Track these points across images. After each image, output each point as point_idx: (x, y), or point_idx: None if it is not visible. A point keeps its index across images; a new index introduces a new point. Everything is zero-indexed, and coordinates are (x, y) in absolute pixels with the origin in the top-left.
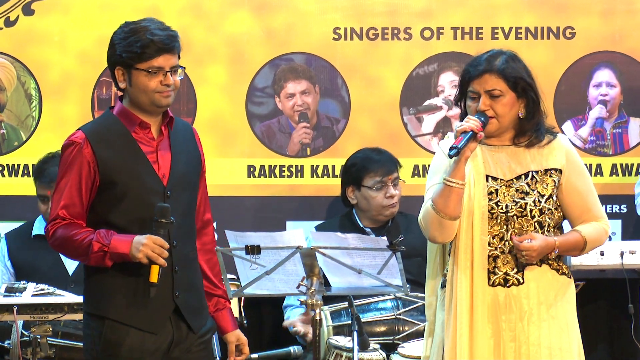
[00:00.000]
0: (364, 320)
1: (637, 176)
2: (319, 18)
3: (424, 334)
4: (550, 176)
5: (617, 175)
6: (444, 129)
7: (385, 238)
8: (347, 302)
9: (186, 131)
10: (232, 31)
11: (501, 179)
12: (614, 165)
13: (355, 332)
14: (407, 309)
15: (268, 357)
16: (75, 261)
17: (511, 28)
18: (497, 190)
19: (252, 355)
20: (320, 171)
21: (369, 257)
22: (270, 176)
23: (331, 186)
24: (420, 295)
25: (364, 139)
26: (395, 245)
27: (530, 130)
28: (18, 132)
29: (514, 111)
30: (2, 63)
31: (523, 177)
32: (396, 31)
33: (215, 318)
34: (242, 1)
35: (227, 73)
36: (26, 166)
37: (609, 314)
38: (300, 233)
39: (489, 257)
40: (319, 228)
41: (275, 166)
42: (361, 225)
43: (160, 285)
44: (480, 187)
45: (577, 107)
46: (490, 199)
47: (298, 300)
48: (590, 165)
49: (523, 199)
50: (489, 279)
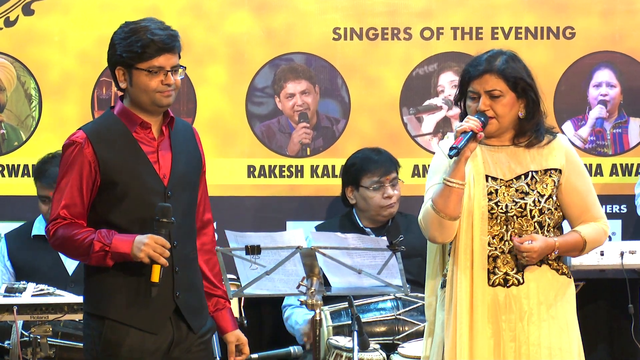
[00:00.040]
0: (364, 320)
1: (637, 176)
2: (319, 18)
3: (424, 334)
4: (550, 176)
5: (617, 175)
6: (443, 129)
7: (385, 238)
8: (347, 302)
9: (186, 131)
10: (232, 31)
11: (501, 179)
12: (614, 165)
13: (355, 332)
14: (407, 309)
15: (268, 357)
16: (75, 261)
17: (511, 28)
18: (496, 190)
19: (252, 356)
20: (320, 171)
21: (369, 257)
22: (270, 176)
23: (331, 186)
24: (420, 295)
25: (364, 139)
26: (395, 246)
27: (530, 130)
28: (18, 132)
29: (513, 111)
30: (2, 63)
31: (523, 177)
32: (396, 31)
33: (215, 318)
34: (242, 1)
35: (227, 73)
36: (26, 166)
37: (609, 314)
38: (300, 233)
39: (488, 257)
40: (319, 228)
41: (275, 166)
42: (361, 226)
43: (161, 284)
44: (480, 187)
45: (577, 107)
46: (490, 199)
47: (298, 300)
48: (590, 165)
49: (523, 199)
50: (489, 279)
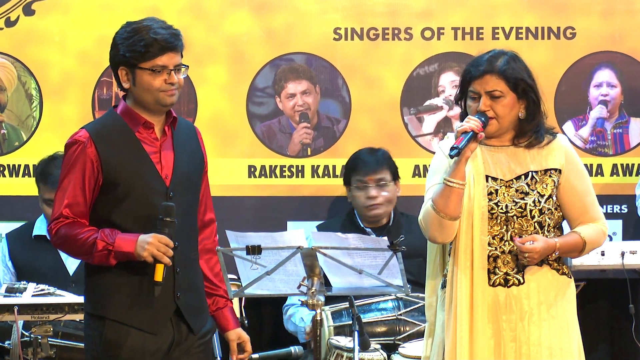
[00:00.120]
0: (364, 320)
1: (637, 176)
2: (320, 18)
3: (425, 334)
4: (550, 176)
5: (618, 175)
6: (444, 129)
7: (386, 238)
8: (347, 303)
9: (189, 130)
10: (232, 31)
11: (501, 180)
12: (615, 166)
13: (356, 333)
14: (408, 309)
15: (269, 357)
16: (75, 262)
17: (512, 28)
18: (497, 190)
19: (253, 355)
20: (320, 171)
21: (369, 257)
22: (271, 176)
23: (332, 186)
24: (421, 295)
25: (365, 139)
26: (396, 246)
27: (530, 131)
28: (19, 132)
29: (514, 112)
30: (3, 63)
31: (523, 177)
32: (397, 31)
33: (215, 317)
34: (242, 1)
35: (227, 73)
36: (27, 166)
37: (609, 314)
38: (301, 233)
39: (489, 257)
40: (321, 227)
41: (276, 166)
42: (362, 226)
43: (164, 284)
44: (480, 187)
45: (577, 107)
46: (490, 199)
47: (299, 300)
48: (591, 165)
49: (523, 199)
50: (489, 279)
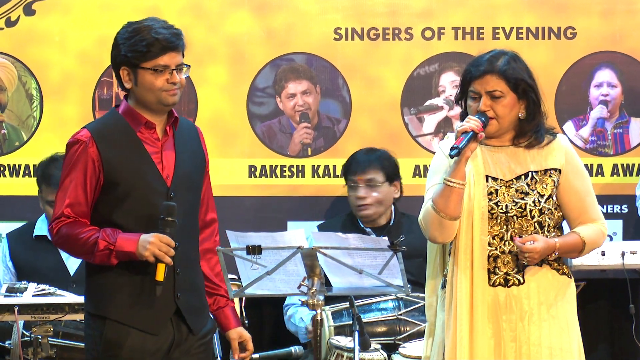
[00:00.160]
0: (365, 320)
1: (637, 176)
2: (320, 18)
3: (425, 334)
4: (550, 176)
5: (618, 175)
6: (444, 129)
7: (386, 238)
8: (348, 303)
9: (190, 131)
10: (233, 31)
11: (501, 180)
12: (615, 166)
13: (357, 333)
14: (408, 309)
15: (269, 357)
16: (76, 262)
17: (512, 28)
18: (497, 190)
19: (253, 355)
20: (321, 171)
21: (369, 257)
22: (271, 176)
23: (332, 186)
24: (421, 295)
25: (365, 139)
26: (397, 246)
27: (530, 131)
28: (19, 132)
29: (514, 112)
30: (3, 63)
31: (523, 177)
32: (397, 31)
33: (216, 316)
34: (242, 1)
35: (227, 73)
36: (27, 166)
37: (609, 314)
38: (301, 233)
39: (489, 257)
40: (322, 227)
41: (276, 166)
42: (362, 226)
43: (165, 283)
44: (480, 187)
45: (578, 107)
46: (490, 199)
47: (299, 300)
48: (591, 165)
49: (523, 199)
50: (490, 279)
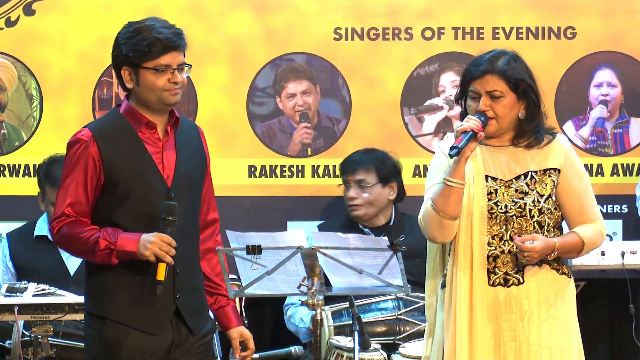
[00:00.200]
0: (365, 320)
1: (637, 176)
2: (320, 18)
3: (425, 334)
4: (549, 176)
5: (618, 175)
6: (444, 129)
7: (386, 238)
8: (348, 302)
9: (192, 130)
10: (233, 31)
11: (500, 179)
12: (615, 165)
13: (356, 332)
14: (408, 309)
15: (269, 357)
16: (76, 262)
17: (512, 28)
18: (496, 190)
19: (254, 355)
20: (321, 171)
21: (369, 257)
22: (271, 176)
23: (332, 186)
24: (421, 295)
25: (365, 139)
26: (397, 246)
27: (530, 131)
28: (19, 132)
29: (514, 112)
30: (3, 63)
31: (522, 177)
32: (397, 31)
33: (218, 315)
34: (242, 1)
35: (227, 73)
36: (27, 166)
37: (609, 314)
38: (301, 233)
39: (488, 257)
40: (322, 227)
41: (276, 166)
42: (360, 226)
43: (166, 283)
44: (480, 187)
45: (578, 107)
46: (490, 199)
47: (299, 300)
48: (591, 165)
49: (522, 199)
50: (489, 278)
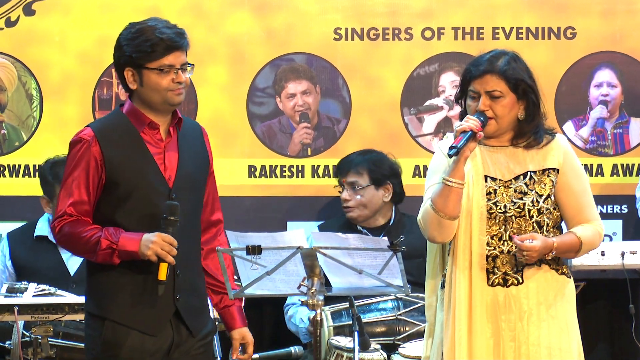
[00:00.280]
0: (364, 320)
1: (637, 176)
2: (320, 18)
3: (424, 334)
4: (548, 176)
5: (618, 175)
6: (444, 129)
7: (386, 238)
8: (347, 303)
9: (195, 131)
10: (233, 31)
11: (500, 180)
12: (615, 166)
13: (356, 333)
14: (407, 309)
15: (269, 357)
16: (76, 262)
17: (512, 28)
18: (495, 190)
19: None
20: (321, 171)
21: (369, 257)
22: (271, 176)
23: (332, 186)
24: (421, 295)
25: (365, 139)
26: (396, 246)
27: (529, 132)
28: (19, 132)
29: (513, 113)
30: (3, 63)
31: (521, 177)
32: (397, 31)
33: (222, 315)
34: (242, 1)
35: (227, 73)
36: (27, 166)
37: (609, 314)
38: (301, 233)
39: (488, 257)
40: (322, 227)
41: (276, 166)
42: (358, 227)
43: (167, 283)
44: (479, 187)
45: (578, 108)
46: (489, 199)
47: (299, 300)
48: (591, 165)
49: (521, 199)
50: (488, 278)
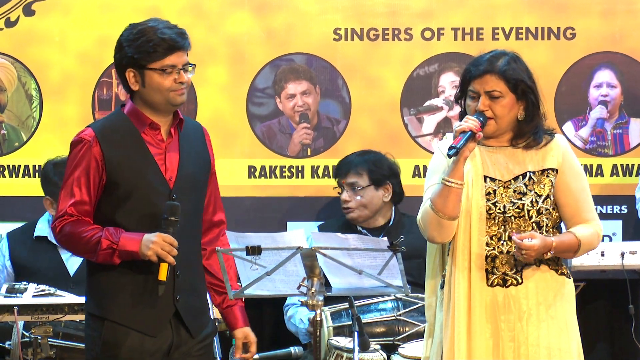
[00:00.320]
0: (364, 321)
1: (637, 177)
2: (320, 18)
3: (424, 334)
4: (547, 176)
5: (618, 175)
6: (444, 129)
7: (386, 239)
8: (347, 303)
9: (196, 131)
10: (233, 31)
11: (499, 180)
12: (615, 166)
13: (356, 333)
14: (407, 309)
15: (269, 357)
16: (76, 263)
17: (512, 29)
18: (495, 190)
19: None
20: (320, 172)
21: (369, 257)
22: (271, 177)
23: (332, 187)
24: (420, 296)
25: (365, 140)
26: (396, 246)
27: (529, 132)
28: (19, 132)
29: (512, 113)
30: (3, 63)
31: (521, 177)
32: (397, 32)
33: (224, 314)
34: (242, 1)
35: (227, 73)
36: (27, 167)
37: (609, 315)
38: (300, 233)
39: (487, 257)
40: (322, 227)
41: (276, 167)
42: (358, 228)
43: (167, 283)
44: (479, 187)
45: (577, 108)
46: (488, 200)
47: (299, 300)
48: (591, 165)
49: (520, 199)
50: (488, 279)
